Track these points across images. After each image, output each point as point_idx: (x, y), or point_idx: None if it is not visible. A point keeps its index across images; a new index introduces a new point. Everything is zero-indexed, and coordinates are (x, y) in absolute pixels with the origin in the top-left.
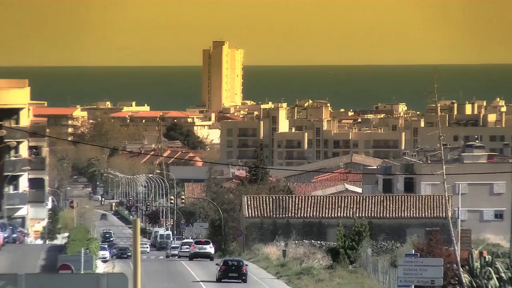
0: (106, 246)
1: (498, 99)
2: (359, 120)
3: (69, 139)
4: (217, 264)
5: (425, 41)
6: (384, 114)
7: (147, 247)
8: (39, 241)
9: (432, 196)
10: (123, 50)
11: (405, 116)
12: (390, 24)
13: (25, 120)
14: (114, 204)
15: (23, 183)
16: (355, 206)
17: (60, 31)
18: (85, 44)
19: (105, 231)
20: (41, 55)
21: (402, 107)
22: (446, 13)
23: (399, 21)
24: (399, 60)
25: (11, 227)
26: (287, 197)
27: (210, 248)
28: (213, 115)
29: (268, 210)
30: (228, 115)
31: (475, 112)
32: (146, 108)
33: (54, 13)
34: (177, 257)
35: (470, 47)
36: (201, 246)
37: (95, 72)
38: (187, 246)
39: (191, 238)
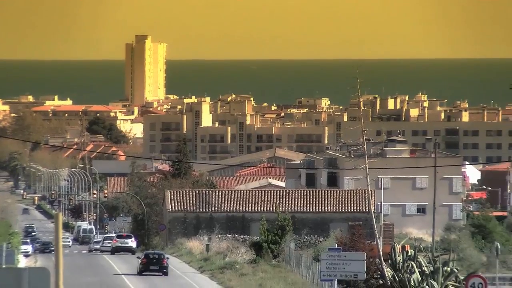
0: (28, 240)
1: (420, 93)
2: (282, 114)
3: None
4: (138, 258)
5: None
6: (307, 109)
7: (69, 241)
8: None
9: (355, 191)
10: (45, 43)
11: (328, 110)
12: (311, 19)
13: None
14: (36, 198)
15: None
16: (278, 201)
17: None
18: (4, 38)
19: (27, 225)
20: None
21: (325, 102)
22: (367, 6)
23: (324, 16)
24: (322, 55)
25: None
26: (210, 192)
27: (132, 242)
28: (136, 109)
29: (191, 205)
30: (151, 109)
31: (398, 106)
32: (68, 102)
33: None
34: (99, 251)
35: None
36: (123, 240)
37: (16, 65)
38: (109, 241)
39: (114, 233)
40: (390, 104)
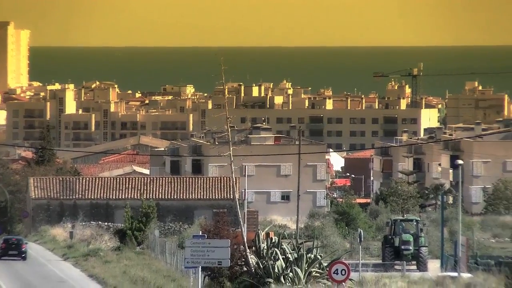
0: None
1: (285, 81)
2: (147, 101)
3: None
4: None
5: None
6: (172, 96)
7: None
8: None
9: (219, 178)
10: None
11: (193, 98)
12: (175, 5)
13: None
14: None
15: None
16: (142, 188)
17: None
18: None
19: None
20: None
21: (189, 89)
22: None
23: (187, 2)
24: (187, 43)
25: None
26: (74, 179)
27: None
28: None
29: (55, 192)
30: (14, 96)
31: (262, 94)
32: None
33: None
34: None
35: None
36: None
37: None
38: None
39: None
40: (255, 91)
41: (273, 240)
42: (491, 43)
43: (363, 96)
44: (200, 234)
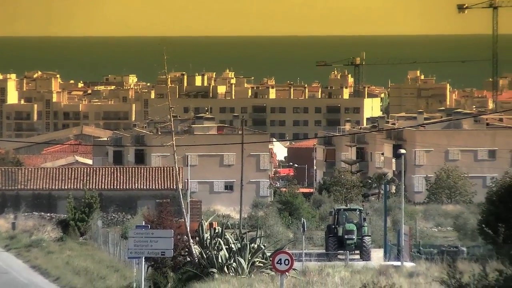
0: None
1: (227, 70)
2: (89, 91)
3: None
4: None
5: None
6: (114, 86)
7: None
8: None
9: (162, 168)
10: None
11: (136, 87)
12: None
13: None
14: None
15: None
16: (85, 178)
17: None
18: None
19: None
20: None
21: (132, 79)
22: None
23: None
24: (129, 32)
25: None
26: (16, 169)
27: None
28: None
29: None
30: None
31: (205, 84)
32: None
33: None
34: None
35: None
36: None
37: None
38: None
39: None
40: (198, 81)
41: (217, 230)
42: (431, 32)
43: (306, 86)
44: (143, 224)
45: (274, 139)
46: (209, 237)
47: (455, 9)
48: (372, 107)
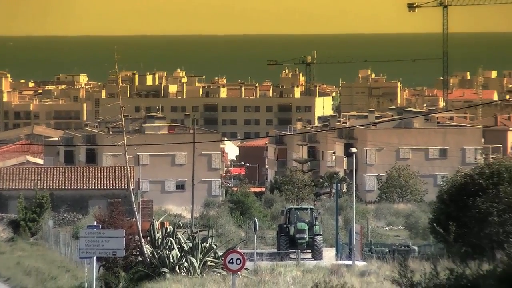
0: None
1: (179, 70)
2: (40, 91)
3: None
4: None
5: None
6: (65, 85)
7: None
8: None
9: (114, 167)
10: None
11: (87, 87)
12: None
13: None
14: None
15: None
16: (36, 178)
17: None
18: None
19: None
20: None
21: (83, 78)
22: None
23: None
24: (80, 32)
25: None
26: None
27: None
28: None
29: None
30: None
31: (156, 83)
32: None
33: None
34: None
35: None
36: None
37: None
38: None
39: None
40: (149, 80)
41: (168, 230)
42: (382, 31)
43: (257, 85)
44: (95, 224)
45: (226, 138)
46: (160, 237)
47: (405, 7)
48: (323, 106)
